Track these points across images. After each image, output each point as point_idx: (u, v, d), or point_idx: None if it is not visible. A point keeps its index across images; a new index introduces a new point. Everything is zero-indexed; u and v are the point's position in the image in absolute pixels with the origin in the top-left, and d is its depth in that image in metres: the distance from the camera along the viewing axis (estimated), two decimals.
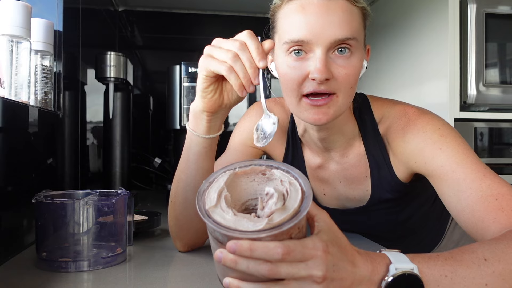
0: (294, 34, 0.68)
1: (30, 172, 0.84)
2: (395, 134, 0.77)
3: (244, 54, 0.58)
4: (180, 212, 0.73)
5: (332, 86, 0.69)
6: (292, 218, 0.43)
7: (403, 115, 0.78)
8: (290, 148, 0.92)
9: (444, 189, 0.70)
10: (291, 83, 0.70)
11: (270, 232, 0.42)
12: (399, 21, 1.76)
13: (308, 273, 0.43)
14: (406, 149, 0.75)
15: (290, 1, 0.70)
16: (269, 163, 0.51)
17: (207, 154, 0.70)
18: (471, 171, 0.67)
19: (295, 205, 0.44)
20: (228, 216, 0.44)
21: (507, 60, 1.51)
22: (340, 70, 0.68)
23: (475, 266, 0.50)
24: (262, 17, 2.03)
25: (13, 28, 0.79)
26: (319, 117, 0.70)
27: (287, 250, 0.42)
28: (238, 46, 0.58)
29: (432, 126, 0.73)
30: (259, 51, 0.58)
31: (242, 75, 0.58)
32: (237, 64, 0.58)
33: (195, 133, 0.68)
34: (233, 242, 0.42)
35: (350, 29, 0.68)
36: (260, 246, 0.42)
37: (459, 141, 0.71)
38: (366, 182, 0.85)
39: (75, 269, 0.66)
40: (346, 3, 0.69)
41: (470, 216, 0.65)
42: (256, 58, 0.58)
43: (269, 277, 0.43)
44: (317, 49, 0.67)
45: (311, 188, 0.47)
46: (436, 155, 0.71)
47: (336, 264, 0.45)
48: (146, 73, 2.07)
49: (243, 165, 0.51)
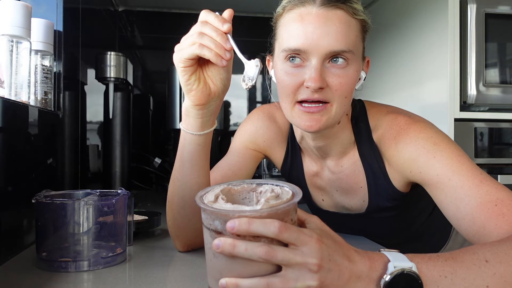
0: (291, 43, 0.70)
1: (30, 172, 0.84)
2: (388, 144, 0.77)
3: (206, 27, 0.60)
4: (177, 211, 0.73)
5: (326, 95, 0.70)
6: (286, 202, 0.47)
7: (394, 124, 0.77)
8: (290, 153, 0.92)
9: (442, 198, 0.69)
10: (286, 89, 0.72)
11: (268, 211, 0.46)
12: (399, 21, 1.76)
13: (303, 259, 0.45)
14: (400, 159, 0.75)
15: (290, 10, 0.72)
16: (260, 182, 0.55)
17: (202, 152, 0.70)
18: (467, 178, 0.66)
19: (288, 196, 0.49)
20: (227, 206, 0.48)
21: (507, 60, 1.51)
22: (335, 79, 0.69)
23: (475, 268, 0.50)
24: (262, 17, 2.04)
25: (13, 28, 0.79)
26: (310, 124, 0.71)
27: (284, 226, 0.45)
28: (198, 25, 0.61)
29: (425, 135, 0.72)
30: (218, 18, 0.60)
31: (213, 46, 0.60)
32: (204, 38, 0.60)
33: (188, 131, 0.68)
34: (233, 220, 0.45)
35: (346, 41, 0.69)
36: (258, 221, 0.45)
37: (453, 148, 0.70)
38: (363, 192, 0.84)
39: (75, 269, 0.66)
40: (345, 14, 0.69)
41: (471, 224, 0.64)
42: (219, 25, 0.60)
43: (266, 259, 0.45)
44: (313, 59, 0.69)
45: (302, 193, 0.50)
46: (431, 164, 0.70)
47: (332, 255, 0.46)
48: (146, 73, 2.07)
49: (234, 184, 0.55)
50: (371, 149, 0.80)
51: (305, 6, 0.69)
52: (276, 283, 0.45)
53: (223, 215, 0.46)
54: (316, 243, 0.46)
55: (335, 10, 0.69)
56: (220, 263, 0.47)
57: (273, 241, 0.46)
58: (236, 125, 2.03)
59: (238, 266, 0.46)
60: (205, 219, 0.49)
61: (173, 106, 1.66)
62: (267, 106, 0.96)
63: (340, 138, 0.81)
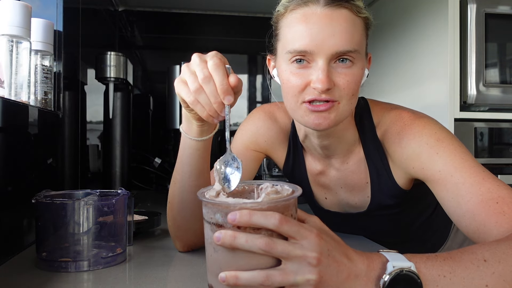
0: (297, 44, 0.69)
1: (30, 172, 0.84)
2: (392, 140, 0.77)
3: (208, 87, 0.56)
4: (177, 212, 0.73)
5: (334, 94, 0.69)
6: (287, 196, 0.48)
7: (398, 119, 0.77)
8: (291, 153, 0.92)
9: (443, 194, 0.69)
10: (292, 89, 0.71)
11: (268, 204, 0.46)
12: (399, 21, 1.76)
13: (303, 253, 0.45)
14: (403, 155, 0.75)
15: (293, 10, 0.71)
16: (259, 183, 0.55)
17: (201, 156, 0.70)
18: (469, 175, 0.66)
19: (288, 192, 0.50)
20: (228, 199, 0.48)
21: (507, 60, 1.51)
22: (342, 78, 0.69)
23: (474, 267, 0.50)
24: (262, 17, 2.05)
25: (13, 28, 0.79)
26: (319, 122, 0.70)
27: (284, 218, 0.46)
28: (202, 78, 0.56)
29: (428, 131, 0.73)
30: (223, 87, 0.56)
31: (208, 108, 0.57)
32: (201, 97, 0.57)
33: (188, 136, 0.68)
34: (234, 212, 0.46)
35: (352, 41, 0.68)
36: (259, 213, 0.45)
37: (456, 145, 0.71)
38: (367, 188, 0.85)
39: (75, 269, 0.66)
40: (349, 13, 0.69)
41: (471, 221, 0.64)
42: (221, 95, 0.56)
43: (266, 251, 0.45)
44: (319, 60, 0.68)
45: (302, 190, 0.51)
46: (434, 160, 0.70)
47: (331, 251, 0.47)
48: (146, 73, 2.07)
49: None
50: (375, 146, 0.80)
51: (309, 6, 0.68)
52: (276, 275, 0.45)
53: (225, 208, 0.47)
54: (316, 237, 0.46)
55: (339, 10, 0.68)
56: (220, 257, 0.47)
57: (273, 235, 0.46)
58: (236, 125, 2.03)
59: (238, 260, 0.46)
60: (206, 213, 0.49)
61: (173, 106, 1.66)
62: (268, 105, 0.96)
63: (345, 136, 0.81)
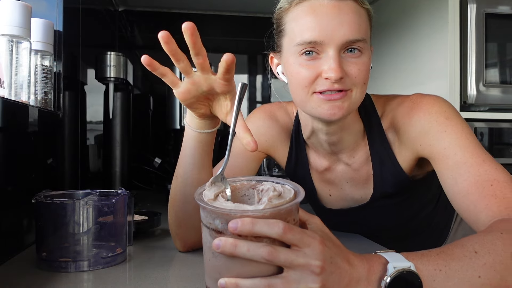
0: (306, 36, 0.69)
1: (30, 172, 0.84)
2: (402, 120, 0.78)
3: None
4: (179, 208, 0.73)
5: (346, 83, 0.70)
6: (289, 202, 0.46)
7: (405, 100, 0.79)
8: (294, 150, 0.92)
9: (444, 171, 0.71)
10: (303, 81, 0.71)
11: (271, 211, 0.45)
12: (399, 21, 1.76)
13: (306, 261, 0.44)
14: (412, 132, 0.76)
15: (299, 4, 0.71)
16: (259, 179, 0.54)
17: (203, 149, 0.70)
18: (471, 156, 0.68)
19: (290, 195, 0.48)
20: (228, 204, 0.46)
21: (507, 60, 1.51)
22: (353, 67, 0.70)
23: (466, 259, 0.51)
24: (262, 17, 2.04)
25: (13, 28, 0.79)
26: (333, 112, 0.70)
27: (288, 227, 0.44)
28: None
29: (438, 108, 0.74)
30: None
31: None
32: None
33: (191, 127, 0.68)
34: (236, 220, 0.44)
35: (360, 30, 0.70)
36: (262, 221, 0.44)
37: (463, 125, 0.73)
38: (371, 179, 0.85)
39: (75, 269, 0.66)
40: (355, 4, 0.70)
41: (464, 199, 0.66)
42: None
43: (268, 260, 0.44)
44: (330, 50, 0.69)
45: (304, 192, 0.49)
46: (441, 138, 0.72)
47: (333, 258, 0.46)
48: (146, 73, 2.07)
49: (233, 180, 0.54)
50: (380, 137, 0.81)
51: None
52: (278, 284, 0.44)
53: (224, 215, 0.45)
54: (319, 245, 0.45)
55: (346, 1, 0.70)
56: (219, 263, 0.46)
57: (275, 242, 0.45)
58: None
59: (238, 266, 0.45)
60: (204, 218, 0.48)
61: (173, 106, 1.66)
62: (268, 105, 0.96)
63: (351, 129, 0.81)
